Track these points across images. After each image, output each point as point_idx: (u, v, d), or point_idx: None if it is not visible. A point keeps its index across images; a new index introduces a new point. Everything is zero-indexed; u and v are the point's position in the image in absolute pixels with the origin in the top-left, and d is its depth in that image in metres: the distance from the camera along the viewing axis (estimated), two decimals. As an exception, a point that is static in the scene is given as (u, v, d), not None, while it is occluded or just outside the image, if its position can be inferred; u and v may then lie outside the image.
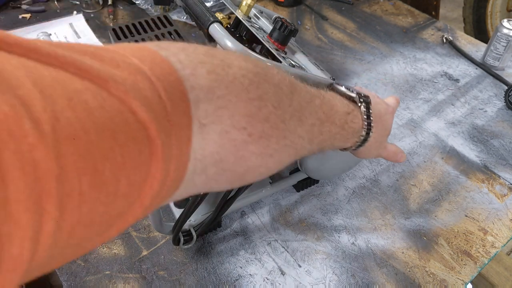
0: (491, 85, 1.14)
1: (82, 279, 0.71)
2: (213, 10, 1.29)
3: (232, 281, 0.71)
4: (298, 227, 0.80)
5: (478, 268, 0.74)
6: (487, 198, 0.86)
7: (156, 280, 0.71)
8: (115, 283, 0.70)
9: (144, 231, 0.78)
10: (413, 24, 1.37)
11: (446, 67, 1.19)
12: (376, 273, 0.73)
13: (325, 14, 1.40)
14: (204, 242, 0.77)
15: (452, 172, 0.91)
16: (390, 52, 1.25)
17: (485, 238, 0.79)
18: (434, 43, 1.28)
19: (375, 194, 0.86)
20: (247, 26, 0.68)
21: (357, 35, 1.32)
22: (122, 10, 1.37)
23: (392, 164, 0.92)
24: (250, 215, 0.82)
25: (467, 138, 0.99)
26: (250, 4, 0.71)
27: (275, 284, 0.71)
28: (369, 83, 1.14)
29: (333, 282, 0.72)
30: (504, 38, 1.13)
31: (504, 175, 0.90)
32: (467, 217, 0.82)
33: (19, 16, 1.33)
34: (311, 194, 0.86)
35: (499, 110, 1.06)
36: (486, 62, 1.19)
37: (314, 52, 1.24)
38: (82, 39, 1.24)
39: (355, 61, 1.22)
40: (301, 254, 0.76)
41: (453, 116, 1.05)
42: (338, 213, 0.82)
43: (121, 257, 0.74)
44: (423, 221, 0.81)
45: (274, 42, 0.68)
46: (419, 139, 0.98)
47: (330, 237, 0.78)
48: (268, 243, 0.77)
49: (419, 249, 0.77)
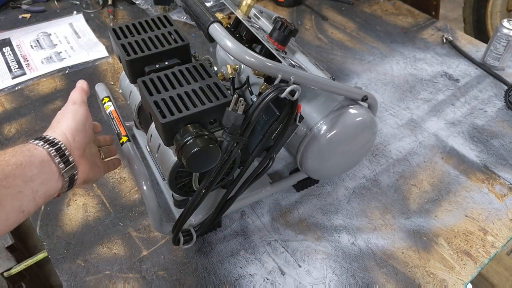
0: (491, 85, 1.14)
1: (82, 279, 0.71)
2: (213, 10, 1.29)
3: (232, 281, 0.71)
4: (298, 227, 0.80)
5: (478, 268, 0.74)
6: (487, 198, 0.86)
7: (156, 280, 0.71)
8: (115, 283, 0.70)
9: (144, 231, 0.78)
10: (413, 24, 1.37)
11: (446, 67, 1.19)
12: (376, 273, 0.73)
13: (325, 14, 1.40)
14: (204, 242, 0.77)
15: (452, 172, 0.91)
16: (390, 52, 1.25)
17: (485, 238, 0.79)
18: (434, 43, 1.28)
19: (375, 194, 0.86)
20: (247, 26, 0.68)
21: (357, 35, 1.32)
22: (122, 10, 1.37)
23: (392, 164, 0.92)
24: (250, 215, 0.82)
25: (467, 138, 0.99)
26: (250, 4, 0.71)
27: (275, 284, 0.71)
28: (369, 83, 1.14)
29: (333, 282, 0.72)
30: (504, 38, 1.13)
31: (504, 175, 0.90)
32: (467, 217, 0.82)
33: (19, 16, 1.33)
34: (311, 194, 0.86)
35: (499, 110, 1.06)
36: (486, 62, 1.19)
37: (314, 52, 1.24)
38: (82, 39, 1.24)
39: (355, 61, 1.21)
40: (301, 254, 0.76)
41: (453, 116, 1.05)
42: (338, 213, 0.82)
43: (121, 257, 0.74)
44: (423, 221, 0.81)
45: (274, 42, 0.68)
46: (419, 139, 0.98)
47: (330, 237, 0.78)
48: (268, 243, 0.77)
49: (419, 249, 0.77)
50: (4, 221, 0.42)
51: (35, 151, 0.46)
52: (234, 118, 0.56)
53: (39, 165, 0.45)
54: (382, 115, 1.04)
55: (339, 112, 0.70)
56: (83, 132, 0.53)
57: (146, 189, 0.61)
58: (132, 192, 0.84)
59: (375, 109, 0.76)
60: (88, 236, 0.77)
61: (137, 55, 0.64)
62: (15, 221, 0.43)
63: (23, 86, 1.09)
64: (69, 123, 0.52)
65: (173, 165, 0.61)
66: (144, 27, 0.70)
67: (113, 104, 0.73)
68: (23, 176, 0.43)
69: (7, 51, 1.19)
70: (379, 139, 0.98)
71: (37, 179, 0.45)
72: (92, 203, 0.82)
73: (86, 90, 0.59)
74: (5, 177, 0.42)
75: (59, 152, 0.48)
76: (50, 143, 0.48)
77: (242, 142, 0.59)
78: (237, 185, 0.68)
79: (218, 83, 0.61)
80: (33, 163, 0.45)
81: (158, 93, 0.58)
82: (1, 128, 0.97)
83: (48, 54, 1.18)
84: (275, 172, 0.89)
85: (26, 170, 0.44)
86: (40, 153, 0.46)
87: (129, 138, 0.66)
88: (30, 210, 0.45)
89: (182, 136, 0.55)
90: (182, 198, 0.73)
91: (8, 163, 0.43)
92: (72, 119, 0.52)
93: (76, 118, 0.53)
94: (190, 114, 0.56)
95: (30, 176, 0.44)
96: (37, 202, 0.45)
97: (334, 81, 0.68)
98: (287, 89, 0.56)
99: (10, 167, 0.43)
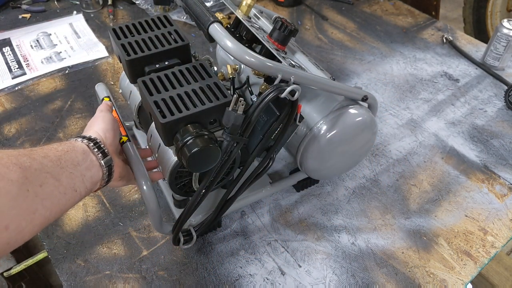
0: (491, 85, 1.14)
1: (82, 279, 0.71)
2: (213, 10, 1.29)
3: (232, 281, 0.71)
4: (298, 227, 0.80)
5: (478, 268, 0.74)
6: (487, 198, 0.86)
7: (156, 280, 0.71)
8: (115, 283, 0.70)
9: (144, 231, 0.78)
10: (413, 24, 1.37)
11: (446, 67, 1.19)
12: (376, 273, 0.73)
13: (325, 14, 1.40)
14: (204, 242, 0.77)
15: (452, 172, 0.91)
16: (390, 52, 1.25)
17: (485, 238, 0.79)
18: (434, 43, 1.28)
19: (375, 194, 0.86)
20: (247, 26, 0.68)
21: (357, 35, 1.32)
22: (122, 10, 1.37)
23: (392, 164, 0.92)
24: (250, 215, 0.82)
25: (467, 138, 0.99)
26: (250, 4, 0.71)
27: (275, 284, 0.71)
28: (369, 83, 1.14)
29: (333, 282, 0.72)
30: (504, 38, 1.13)
31: (504, 175, 0.90)
32: (467, 217, 0.82)
33: (19, 16, 1.33)
34: (311, 194, 0.86)
35: (499, 110, 1.06)
36: (486, 62, 1.19)
37: (314, 52, 1.24)
38: (82, 39, 1.24)
39: (355, 61, 1.21)
40: (301, 254, 0.76)
41: (453, 116, 1.05)
42: (338, 213, 0.82)
43: (121, 257, 0.74)
44: (423, 221, 0.81)
45: (274, 42, 0.68)
46: (419, 139, 0.98)
47: (330, 237, 0.78)
48: (268, 243, 0.77)
49: (419, 249, 0.77)
50: (63, 194, 0.47)
51: (76, 143, 0.53)
52: (234, 118, 0.56)
53: (82, 153, 0.52)
54: (382, 115, 1.04)
55: (339, 112, 0.70)
56: (113, 131, 0.60)
57: (146, 189, 0.61)
58: (132, 192, 0.84)
59: (375, 109, 0.76)
60: (88, 236, 0.77)
61: (137, 55, 0.64)
62: (71, 198, 0.49)
63: (23, 86, 1.09)
64: (100, 125, 0.59)
65: (173, 165, 0.61)
66: (144, 27, 0.70)
67: (113, 104, 0.73)
68: (72, 160, 0.50)
69: (7, 51, 1.19)
70: (379, 139, 0.98)
71: (83, 164, 0.51)
72: (92, 203, 0.82)
73: (110, 105, 0.67)
74: (58, 159, 0.48)
75: (96, 145, 0.54)
76: (87, 138, 0.55)
77: (242, 142, 0.59)
78: (237, 185, 0.68)
79: (218, 83, 0.61)
80: (77, 151, 0.52)
81: (158, 93, 0.58)
82: (1, 128, 0.97)
83: (48, 54, 1.18)
84: (275, 172, 0.89)
85: (73, 156, 0.51)
86: (81, 145, 0.53)
87: (129, 138, 0.66)
88: (81, 191, 0.50)
89: (182, 136, 0.55)
90: (182, 198, 0.73)
91: (57, 149, 0.49)
92: (102, 122, 0.60)
93: (105, 121, 0.60)
94: (190, 114, 0.56)
95: (77, 161, 0.51)
96: (86, 186, 0.51)
97: (334, 81, 0.68)
98: (287, 89, 0.56)
99: (59, 152, 0.49)
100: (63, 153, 0.50)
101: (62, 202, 0.47)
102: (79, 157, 0.51)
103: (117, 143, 0.62)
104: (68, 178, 0.48)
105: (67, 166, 0.49)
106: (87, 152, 0.53)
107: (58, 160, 0.48)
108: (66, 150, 0.50)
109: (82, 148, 0.53)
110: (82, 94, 1.07)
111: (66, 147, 0.51)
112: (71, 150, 0.51)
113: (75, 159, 0.50)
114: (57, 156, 0.48)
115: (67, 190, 0.48)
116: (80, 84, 1.10)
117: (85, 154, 0.52)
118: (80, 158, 0.51)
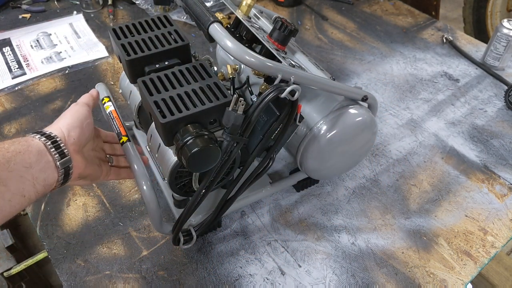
0: (491, 85, 1.14)
1: (82, 279, 0.71)
2: (213, 10, 1.29)
3: (232, 281, 0.71)
4: (298, 227, 0.80)
5: (478, 268, 0.74)
6: (487, 198, 0.86)
7: (156, 280, 0.71)
8: (115, 283, 0.70)
9: (144, 231, 0.78)
10: (413, 24, 1.37)
11: (446, 67, 1.19)
12: (376, 273, 0.73)
13: (325, 14, 1.40)
14: (204, 242, 0.77)
15: (452, 172, 0.91)
16: (390, 52, 1.25)
17: (485, 238, 0.79)
18: (434, 43, 1.28)
19: (375, 194, 0.86)
20: (247, 26, 0.68)
21: (357, 35, 1.32)
22: (122, 10, 1.37)
23: (392, 164, 0.92)
24: (250, 215, 0.82)
25: (467, 138, 0.99)
26: (250, 4, 0.71)
27: (275, 284, 0.71)
28: (369, 83, 1.14)
29: (333, 282, 0.72)
30: (504, 38, 1.13)
31: (504, 175, 0.90)
32: (467, 217, 0.82)
33: (19, 16, 1.33)
34: (311, 194, 0.86)
35: (499, 110, 1.06)
36: (486, 62, 1.19)
37: (314, 52, 1.24)
38: (82, 39, 1.24)
39: (355, 61, 1.21)
40: (301, 254, 0.76)
41: (453, 116, 1.05)
42: (338, 213, 0.82)
43: (121, 257, 0.74)
44: (423, 221, 0.81)
45: (274, 42, 0.68)
46: (419, 139, 0.98)
47: (330, 237, 0.78)
48: (268, 243, 0.77)
49: (419, 249, 0.77)
50: (8, 201, 0.44)
51: (32, 142, 0.50)
52: (234, 118, 0.56)
53: (36, 154, 0.49)
54: (382, 115, 1.04)
55: (339, 112, 0.70)
56: (79, 128, 0.56)
57: (146, 189, 0.61)
58: (132, 192, 0.84)
59: (375, 109, 0.76)
60: (88, 236, 0.77)
61: (137, 55, 0.64)
62: (17, 204, 0.46)
63: (23, 86, 1.09)
64: (66, 120, 0.56)
65: (173, 165, 0.61)
66: (144, 27, 0.70)
67: (113, 104, 0.73)
68: (23, 162, 0.47)
69: (7, 51, 1.19)
70: (379, 139, 0.98)
71: (36, 167, 0.48)
72: (92, 203, 0.82)
73: (94, 96, 0.64)
74: (7, 162, 0.45)
75: (54, 144, 0.51)
76: (46, 136, 0.51)
77: (242, 142, 0.59)
78: (237, 185, 0.68)
79: (218, 83, 0.61)
80: (31, 151, 0.48)
81: (158, 93, 0.58)
82: (1, 128, 0.97)
83: (48, 54, 1.18)
84: (275, 172, 0.89)
85: (25, 157, 0.47)
86: (37, 144, 0.50)
87: (129, 138, 0.66)
88: (31, 196, 0.48)
89: (182, 136, 0.55)
90: (182, 198, 0.73)
91: (8, 150, 0.46)
92: (70, 116, 0.56)
93: (73, 116, 0.57)
94: (190, 114, 0.56)
95: (29, 163, 0.47)
96: (36, 189, 0.48)
97: (334, 81, 0.68)
98: (287, 89, 0.56)
99: (10, 154, 0.46)
100: (14, 155, 0.46)
101: (6, 209, 0.44)
102: (33, 159, 0.48)
103: (83, 142, 0.57)
104: (17, 182, 0.45)
105: (17, 169, 0.46)
106: (43, 152, 0.49)
107: (7, 163, 0.45)
108: (19, 151, 0.47)
109: (38, 148, 0.49)
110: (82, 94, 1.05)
111: (20, 147, 0.48)
112: (24, 151, 0.48)
113: (27, 160, 0.47)
114: (6, 158, 0.45)
115: (14, 197, 0.45)
116: (80, 84, 1.10)
117: (40, 155, 0.49)
118: (34, 159, 0.48)
